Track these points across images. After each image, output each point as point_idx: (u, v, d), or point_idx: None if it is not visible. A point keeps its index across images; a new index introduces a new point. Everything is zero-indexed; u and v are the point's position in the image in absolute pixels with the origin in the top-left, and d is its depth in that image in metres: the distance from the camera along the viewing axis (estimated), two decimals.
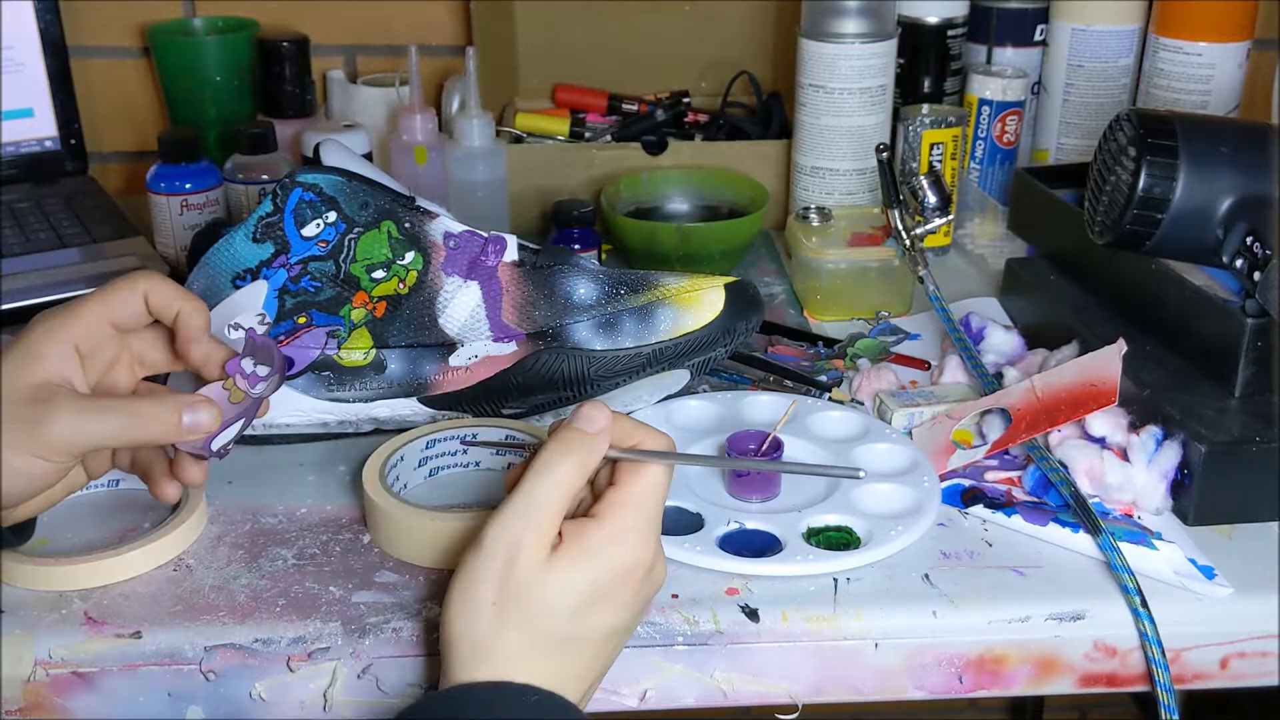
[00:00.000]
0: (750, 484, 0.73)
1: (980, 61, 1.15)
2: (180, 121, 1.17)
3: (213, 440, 0.64)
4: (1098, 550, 0.68)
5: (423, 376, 0.75)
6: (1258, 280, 0.70)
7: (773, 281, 1.04)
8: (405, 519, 0.68)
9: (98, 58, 1.22)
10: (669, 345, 0.76)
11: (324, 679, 0.64)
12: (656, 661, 0.64)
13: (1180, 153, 0.73)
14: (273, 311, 0.73)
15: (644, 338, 0.76)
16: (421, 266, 0.74)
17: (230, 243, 0.74)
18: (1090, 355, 0.77)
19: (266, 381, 0.66)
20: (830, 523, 0.70)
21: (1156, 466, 0.71)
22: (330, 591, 0.66)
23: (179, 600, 0.66)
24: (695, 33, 1.23)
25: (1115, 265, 0.84)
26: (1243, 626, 0.66)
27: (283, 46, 1.13)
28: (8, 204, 1.10)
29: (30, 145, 1.15)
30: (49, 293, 0.97)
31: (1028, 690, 0.66)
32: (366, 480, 0.70)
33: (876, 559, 0.68)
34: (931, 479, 0.74)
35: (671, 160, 1.11)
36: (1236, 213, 0.72)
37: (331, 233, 0.72)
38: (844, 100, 1.03)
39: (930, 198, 0.93)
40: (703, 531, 0.69)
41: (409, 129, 1.04)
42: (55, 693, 0.63)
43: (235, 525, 0.72)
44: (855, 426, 0.80)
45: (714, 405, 0.81)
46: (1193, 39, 1.07)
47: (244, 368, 0.65)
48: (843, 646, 0.65)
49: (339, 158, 0.75)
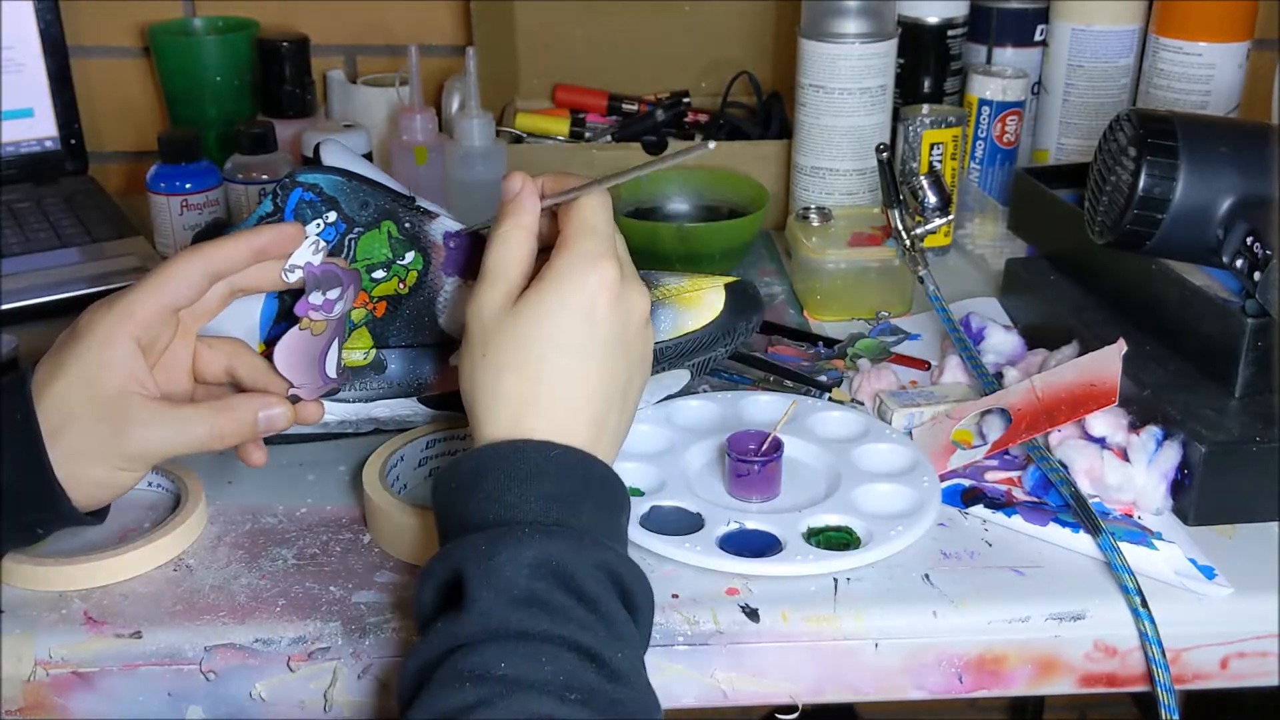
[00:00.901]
0: (750, 483, 0.73)
1: (980, 62, 1.15)
2: (180, 121, 1.17)
3: (325, 368, 0.67)
4: (1098, 550, 0.68)
5: (423, 376, 0.75)
6: (1258, 280, 0.70)
7: (772, 281, 1.04)
8: (405, 518, 0.68)
9: (98, 57, 1.22)
10: (669, 346, 0.75)
11: (324, 679, 0.64)
12: (656, 661, 0.64)
13: (1180, 153, 0.72)
14: (272, 312, 0.72)
15: None
16: (422, 266, 0.74)
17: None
18: (1090, 355, 0.77)
19: (341, 300, 0.69)
20: (830, 523, 0.70)
21: (1157, 467, 0.71)
22: (330, 591, 0.66)
23: (179, 600, 0.66)
24: (695, 33, 1.23)
25: (1115, 265, 0.84)
26: (1243, 626, 0.66)
27: (283, 46, 1.13)
28: (7, 204, 1.10)
29: (30, 145, 1.15)
30: (49, 293, 0.97)
31: (1028, 690, 0.66)
32: (367, 480, 0.70)
33: (877, 559, 0.68)
34: (931, 479, 0.74)
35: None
36: (1236, 213, 0.72)
37: (332, 233, 0.72)
38: (844, 100, 1.03)
39: (930, 198, 0.93)
40: (703, 531, 0.69)
41: (409, 129, 1.04)
42: (55, 692, 0.63)
43: (235, 525, 0.72)
44: (855, 427, 0.80)
45: (714, 405, 0.81)
46: (1193, 39, 1.06)
47: (314, 301, 0.68)
48: (843, 646, 0.65)
49: (339, 158, 0.74)
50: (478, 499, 0.58)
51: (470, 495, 0.58)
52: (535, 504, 0.57)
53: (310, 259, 0.69)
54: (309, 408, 0.69)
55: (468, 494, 0.59)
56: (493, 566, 0.54)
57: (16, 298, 0.96)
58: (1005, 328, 0.89)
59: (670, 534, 0.69)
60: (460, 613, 0.54)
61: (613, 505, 0.61)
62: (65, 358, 0.63)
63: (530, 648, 0.52)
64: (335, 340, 0.69)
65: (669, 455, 0.76)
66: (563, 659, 0.52)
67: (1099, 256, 0.85)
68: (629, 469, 0.73)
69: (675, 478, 0.74)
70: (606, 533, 0.59)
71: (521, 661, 0.52)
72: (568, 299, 0.61)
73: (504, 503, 0.57)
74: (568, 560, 0.55)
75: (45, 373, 0.63)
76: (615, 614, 0.56)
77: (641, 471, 0.74)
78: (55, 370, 0.63)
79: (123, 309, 0.64)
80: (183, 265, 0.65)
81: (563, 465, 0.59)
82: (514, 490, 0.58)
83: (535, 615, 0.53)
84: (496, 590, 0.54)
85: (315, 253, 0.69)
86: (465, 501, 0.59)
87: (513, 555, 0.55)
